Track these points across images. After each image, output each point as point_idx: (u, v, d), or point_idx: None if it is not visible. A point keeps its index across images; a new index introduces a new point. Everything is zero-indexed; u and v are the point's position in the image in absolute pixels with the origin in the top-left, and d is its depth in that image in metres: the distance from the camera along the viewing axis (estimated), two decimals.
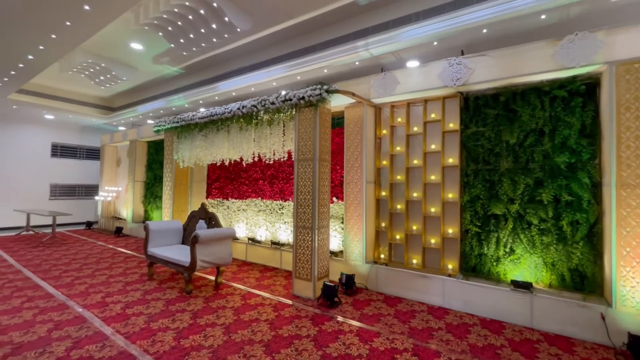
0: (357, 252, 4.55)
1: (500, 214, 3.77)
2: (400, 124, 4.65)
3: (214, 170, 7.18)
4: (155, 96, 8.30)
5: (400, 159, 4.65)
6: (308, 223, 4.12)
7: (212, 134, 5.50)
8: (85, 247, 7.07)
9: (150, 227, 4.84)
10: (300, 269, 4.16)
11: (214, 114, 5.22)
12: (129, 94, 9.10)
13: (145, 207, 8.97)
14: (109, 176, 10.15)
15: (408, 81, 4.31)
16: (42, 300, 3.80)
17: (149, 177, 8.87)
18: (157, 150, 8.72)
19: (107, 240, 7.99)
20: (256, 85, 6.23)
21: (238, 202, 6.64)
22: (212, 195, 7.18)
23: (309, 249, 4.09)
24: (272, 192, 6.08)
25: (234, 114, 4.93)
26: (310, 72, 5.46)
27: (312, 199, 4.10)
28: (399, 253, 4.63)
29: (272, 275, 5.09)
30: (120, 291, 4.18)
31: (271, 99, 4.45)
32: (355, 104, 4.64)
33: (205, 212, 4.89)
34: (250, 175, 6.46)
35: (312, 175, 4.12)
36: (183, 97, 7.32)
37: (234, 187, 6.75)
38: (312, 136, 4.14)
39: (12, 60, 5.44)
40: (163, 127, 6.25)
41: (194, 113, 5.58)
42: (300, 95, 4.13)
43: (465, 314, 3.65)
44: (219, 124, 5.35)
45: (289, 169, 5.84)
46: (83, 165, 11.07)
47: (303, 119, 4.24)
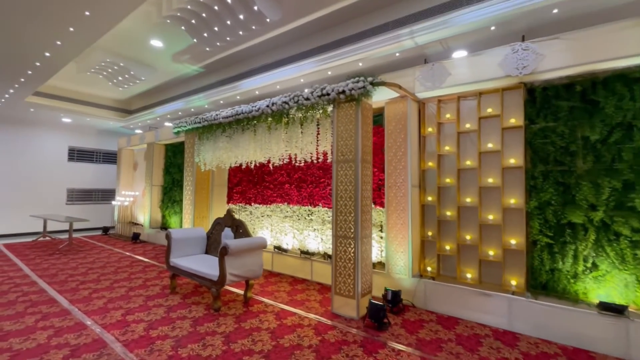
0: (402, 265, 4.06)
1: (578, 223, 3.23)
2: (449, 121, 4.15)
3: (235, 173, 6.80)
4: (174, 97, 8.00)
5: (450, 159, 4.14)
6: (350, 232, 3.65)
7: (237, 135, 5.10)
8: (103, 254, 6.76)
9: (172, 235, 4.45)
10: (340, 284, 3.69)
11: (239, 112, 4.82)
12: (146, 96, 8.85)
13: (162, 212, 8.66)
14: (126, 180, 9.91)
15: (461, 72, 3.83)
16: (57, 319, 3.43)
17: (167, 181, 8.56)
18: (175, 153, 8.42)
19: (124, 247, 7.68)
20: (282, 83, 5.83)
21: (262, 208, 6.23)
22: (233, 200, 6.79)
23: (351, 262, 3.62)
24: (299, 196, 5.64)
25: (262, 112, 4.52)
26: (342, 67, 5.02)
27: (355, 205, 3.63)
28: (449, 266, 4.11)
29: (304, 288, 4.63)
30: (141, 307, 3.78)
31: (305, 94, 4.02)
32: (398, 99, 4.17)
33: (232, 219, 4.48)
34: (275, 178, 6.04)
35: (353, 179, 3.66)
36: (203, 97, 6.98)
37: (257, 192, 6.34)
38: (353, 135, 3.68)
39: (28, 58, 5.17)
40: (183, 128, 5.90)
41: (217, 112, 5.20)
42: (340, 88, 3.69)
43: (539, 340, 3.10)
44: (244, 124, 4.95)
45: (318, 172, 5.40)
46: (100, 169, 10.89)
47: (342, 115, 3.79)
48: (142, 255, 6.70)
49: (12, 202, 9.12)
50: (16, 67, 5.45)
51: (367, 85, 3.53)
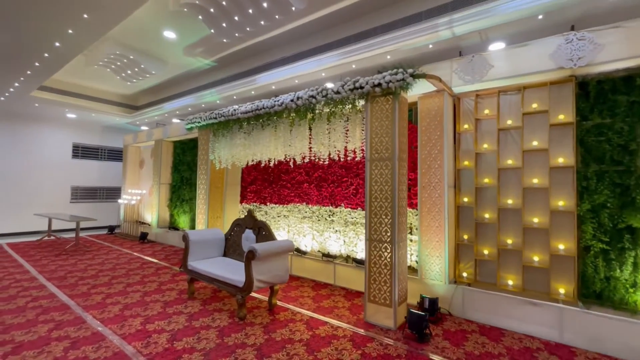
0: (437, 270, 3.81)
1: (639, 228, 2.98)
2: (489, 117, 3.89)
3: (249, 172, 6.53)
4: (183, 93, 7.73)
5: (489, 158, 3.89)
6: (385, 236, 3.39)
7: (257, 131, 4.84)
8: (111, 255, 6.50)
9: (190, 237, 4.19)
10: (375, 291, 3.44)
11: (260, 107, 4.56)
12: (154, 91, 8.57)
13: (170, 211, 8.40)
14: (132, 178, 9.64)
15: (503, 64, 3.57)
16: (72, 328, 3.17)
17: (175, 179, 8.29)
18: (184, 150, 8.15)
19: (132, 247, 7.42)
20: (301, 77, 5.56)
21: (278, 208, 5.97)
22: (247, 199, 6.53)
23: (388, 268, 3.37)
24: (320, 196, 5.38)
25: (285, 106, 4.25)
26: (368, 60, 4.75)
27: (391, 206, 3.37)
28: (486, 271, 3.86)
29: (328, 293, 4.38)
30: (160, 315, 3.52)
31: (335, 88, 3.76)
32: (433, 94, 3.91)
33: (254, 221, 4.22)
34: (293, 177, 5.78)
35: (390, 178, 3.40)
36: (215, 92, 6.71)
37: (273, 191, 6.08)
38: (389, 131, 3.42)
39: (37, 50, 4.90)
40: (197, 124, 5.63)
41: (235, 107, 4.93)
42: (376, 81, 3.42)
43: (598, 354, 2.86)
44: (264, 120, 4.69)
45: (341, 171, 5.14)
46: (104, 166, 10.61)
47: (377, 110, 3.53)
48: (152, 256, 6.44)
49: (15, 200, 8.85)
50: (23, 58, 5.17)
51: (406, 77, 3.27)
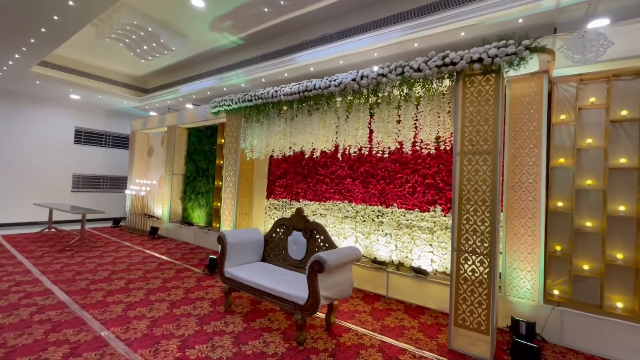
0: (527, 287, 3.20)
1: None
2: (595, 106, 3.26)
3: (278, 164, 5.86)
4: (203, 74, 7.00)
5: (593, 156, 3.26)
6: (482, 247, 2.77)
7: (302, 117, 4.16)
8: (121, 252, 5.81)
9: (227, 239, 3.53)
10: (465, 313, 2.82)
11: (309, 88, 3.88)
12: (168, 72, 7.82)
13: (183, 204, 7.71)
14: (140, 168, 8.90)
15: (626, 41, 2.92)
16: (93, 354, 2.51)
17: (190, 170, 7.59)
18: (200, 138, 7.43)
19: (143, 243, 6.73)
20: (347, 57, 4.88)
21: (314, 205, 5.32)
22: (275, 194, 5.87)
23: (484, 286, 2.74)
24: (366, 194, 4.73)
25: (344, 87, 3.58)
26: (434, 38, 4.09)
27: (491, 211, 2.74)
28: (584, 290, 3.25)
29: (385, 307, 3.76)
30: (198, 335, 2.88)
31: (415, 64, 3.09)
32: (527, 77, 3.26)
33: (304, 221, 3.57)
34: (333, 171, 5.13)
35: (490, 177, 2.76)
36: (242, 73, 6.00)
37: (307, 186, 5.43)
38: (490, 118, 2.78)
39: (43, 13, 4.14)
40: (227, 107, 4.92)
41: (276, 88, 4.24)
42: (475, 55, 2.76)
43: None
44: (312, 103, 4.02)
45: (394, 166, 4.49)
46: (109, 154, 9.85)
47: (473, 92, 2.88)
48: (168, 255, 5.77)
49: (13, 188, 8.09)
50: (27, 22, 4.40)
51: (520, 50, 2.61)
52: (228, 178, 5.09)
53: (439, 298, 3.76)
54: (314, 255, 2.72)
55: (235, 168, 5.01)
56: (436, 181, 4.15)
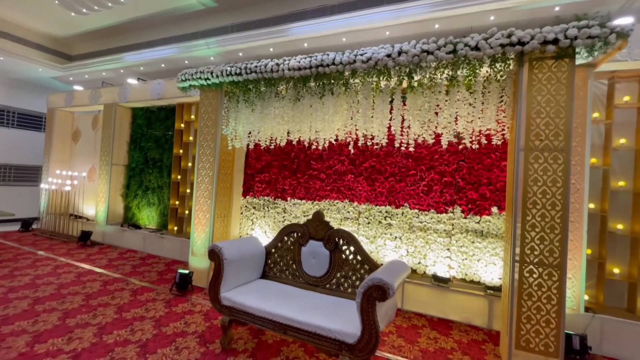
0: (568, 294, 2.98)
1: None
2: (630, 106, 3.15)
3: (258, 155, 4.96)
4: (156, 41, 5.65)
5: (627, 156, 3.17)
6: (551, 257, 2.41)
7: (309, 99, 3.39)
8: (43, 268, 4.33)
9: (225, 254, 2.64)
10: (530, 334, 2.44)
11: (326, 63, 3.13)
12: (104, 36, 6.20)
13: (126, 202, 6.24)
14: (61, 155, 7.03)
15: None
16: None
17: (135, 160, 6.15)
18: (149, 121, 6.06)
19: (71, 252, 5.21)
20: (353, 34, 4.23)
21: (305, 205, 4.58)
22: (254, 191, 4.97)
23: (553, 302, 2.39)
24: (371, 193, 4.18)
25: (375, 64, 2.93)
26: (461, 19, 3.67)
27: (562, 217, 2.39)
28: (615, 295, 3.17)
29: (409, 324, 3.27)
30: None
31: (472, 41, 2.59)
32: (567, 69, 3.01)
33: (326, 228, 2.85)
34: (330, 166, 4.45)
35: (561, 177, 2.41)
36: (214, 43, 4.90)
37: (297, 183, 4.66)
38: (562, 109, 2.43)
39: None
40: (204, 81, 3.87)
41: (277, 61, 3.40)
42: (550, 35, 2.36)
43: None
44: (324, 82, 3.29)
45: (406, 162, 4.00)
46: (14, 136, 7.62)
47: (542, 79, 2.49)
48: (111, 269, 4.48)
49: None
50: None
51: (605, 33, 2.27)
52: (203, 172, 4.06)
53: (462, 309, 3.41)
54: (372, 278, 2.05)
55: (212, 159, 4.00)
56: (455, 179, 3.78)
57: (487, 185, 3.61)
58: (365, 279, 2.11)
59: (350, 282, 2.73)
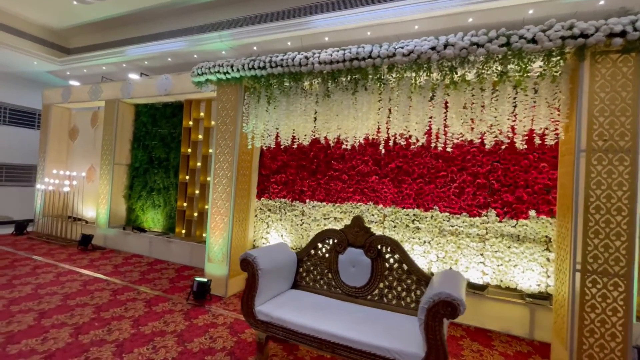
0: None
1: None
2: None
3: (274, 155, 4.71)
4: (162, 34, 5.34)
5: None
6: (616, 267, 2.24)
7: (340, 95, 3.17)
8: (44, 276, 4.01)
9: (260, 264, 2.41)
10: (593, 348, 2.28)
11: (362, 56, 2.92)
12: (105, 28, 5.86)
13: (129, 203, 5.93)
14: (57, 154, 6.66)
15: None
16: None
17: (139, 159, 5.84)
18: (154, 118, 5.75)
19: (73, 258, 4.88)
20: (379, 28, 4.02)
21: (325, 207, 4.35)
22: (270, 193, 4.72)
23: (619, 315, 2.23)
24: (398, 195, 3.98)
25: (418, 56, 2.73)
26: (498, 12, 3.50)
27: (629, 223, 2.23)
28: None
29: (449, 335, 3.09)
30: None
31: (528, 34, 2.41)
32: None
33: (367, 235, 2.64)
34: (353, 166, 4.23)
35: (629, 180, 2.24)
36: (229, 36, 4.63)
37: (317, 184, 4.43)
38: (628, 108, 2.26)
39: None
40: (223, 75, 3.61)
41: (306, 54, 3.16)
42: (618, 27, 2.19)
43: None
44: (357, 77, 3.07)
45: (436, 162, 3.81)
46: (6, 134, 7.19)
47: (606, 75, 2.31)
48: (118, 276, 4.18)
49: None
50: None
51: None
52: (220, 172, 3.79)
53: (500, 317, 3.24)
54: (438, 293, 1.84)
55: (231, 159, 3.74)
56: (489, 181, 3.60)
57: (524, 187, 3.45)
58: (428, 294, 1.90)
59: (395, 293, 2.52)
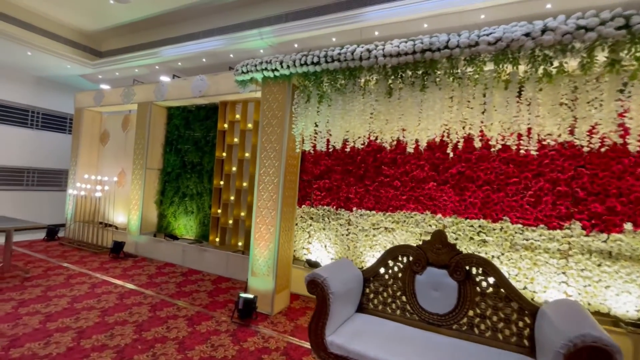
0: None
1: None
2: None
3: (316, 159, 4.39)
4: (196, 34, 5.14)
5: None
6: None
7: (408, 91, 2.81)
8: (79, 287, 3.80)
9: (330, 286, 2.07)
10: None
11: (437, 46, 2.55)
12: (137, 30, 5.73)
13: (160, 209, 5.72)
14: (89, 159, 6.57)
15: None
16: None
17: (171, 164, 5.64)
18: (187, 121, 5.55)
19: (105, 266, 4.68)
20: (437, 19, 3.65)
21: (375, 216, 3.99)
22: (312, 200, 4.39)
23: None
24: (460, 204, 3.57)
25: (507, 45, 2.34)
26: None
27: None
28: None
29: None
30: None
31: None
32: None
33: (452, 252, 2.25)
34: (406, 171, 3.86)
35: None
36: (270, 33, 4.36)
37: (365, 190, 4.07)
38: None
39: None
40: (272, 72, 3.32)
41: (368, 47, 2.83)
42: None
43: None
44: (428, 71, 2.71)
45: (506, 167, 3.39)
46: (37, 138, 7.18)
47: None
48: (154, 288, 3.93)
49: None
50: None
51: None
52: (266, 178, 3.49)
53: None
54: (582, 335, 1.44)
55: (278, 164, 3.43)
56: (573, 189, 3.15)
57: (617, 196, 2.98)
58: (560, 334, 1.50)
59: (489, 323, 2.12)
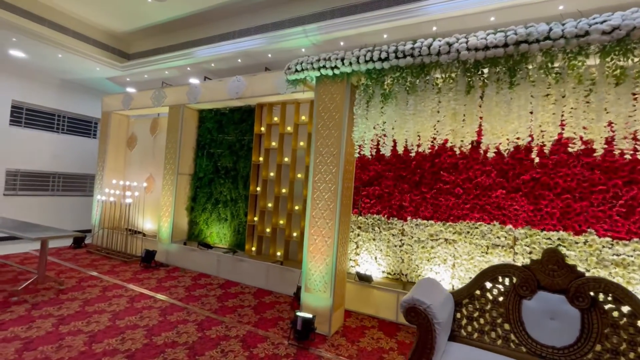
0: None
1: None
2: None
3: (365, 164, 4.10)
4: (231, 33, 4.92)
5: None
6: None
7: (493, 88, 2.50)
8: (117, 300, 3.56)
9: (436, 315, 1.76)
10: None
11: (535, 37, 2.25)
12: (168, 31, 5.55)
13: (191, 216, 5.49)
14: (116, 163, 6.39)
15: None
16: None
17: (203, 169, 5.41)
18: (221, 125, 5.32)
19: (138, 277, 4.44)
20: (506, 12, 3.35)
21: (434, 226, 3.67)
22: (361, 208, 4.10)
23: None
24: (535, 214, 3.23)
25: (627, 34, 2.03)
26: None
27: None
28: None
29: None
30: None
31: None
32: None
33: (571, 275, 1.92)
34: (469, 177, 3.54)
35: None
36: (316, 30, 4.11)
37: (421, 198, 3.76)
38: None
39: None
40: (331, 70, 3.05)
41: (448, 40, 2.54)
42: None
43: None
44: (513, 67, 2.40)
45: (588, 173, 3.04)
46: (63, 142, 7.05)
47: None
48: (196, 302, 3.67)
49: None
50: None
51: None
52: (321, 185, 3.20)
53: None
54: None
55: (335, 170, 3.15)
56: None
57: None
58: None
59: None
